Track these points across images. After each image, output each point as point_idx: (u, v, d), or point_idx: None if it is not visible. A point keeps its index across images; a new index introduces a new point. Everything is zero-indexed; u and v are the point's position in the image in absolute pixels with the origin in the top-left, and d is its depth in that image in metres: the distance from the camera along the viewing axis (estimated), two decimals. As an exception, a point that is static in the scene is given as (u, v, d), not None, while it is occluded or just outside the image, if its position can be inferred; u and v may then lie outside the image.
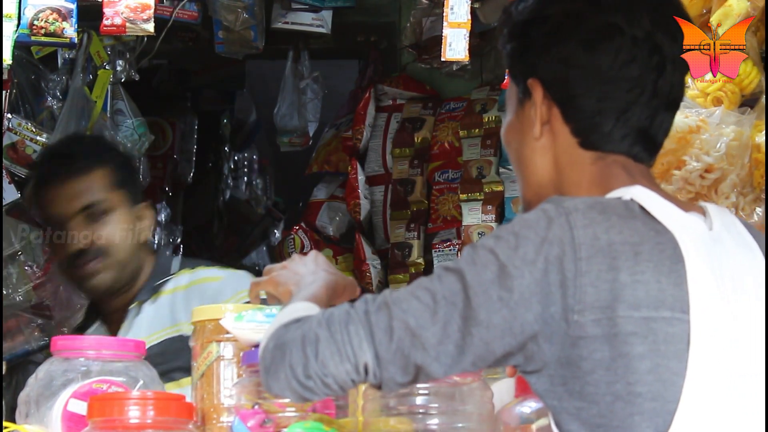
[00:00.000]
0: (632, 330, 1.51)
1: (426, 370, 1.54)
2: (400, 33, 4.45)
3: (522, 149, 1.73)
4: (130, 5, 2.79)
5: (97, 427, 1.88)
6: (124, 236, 2.81)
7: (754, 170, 2.47)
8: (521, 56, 1.72)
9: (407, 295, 1.55)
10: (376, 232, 4.50)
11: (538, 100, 1.68)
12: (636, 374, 1.51)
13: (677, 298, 1.53)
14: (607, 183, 1.65)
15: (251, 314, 1.94)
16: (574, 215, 1.54)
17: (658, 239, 1.56)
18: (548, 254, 1.52)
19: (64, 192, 2.81)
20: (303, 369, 1.55)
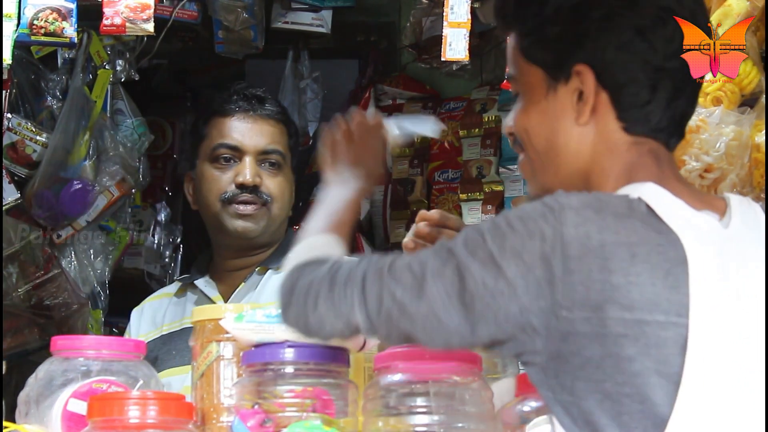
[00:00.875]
0: (623, 332, 1.50)
1: (414, 339, 1.59)
2: (400, 33, 4.45)
3: (555, 136, 1.68)
4: (129, 5, 2.79)
5: (96, 427, 1.88)
6: (286, 195, 2.83)
7: (754, 170, 2.47)
8: (569, 41, 1.66)
9: (403, 265, 1.59)
10: (376, 231, 4.50)
11: (590, 86, 1.64)
12: (624, 375, 1.50)
13: (673, 301, 1.51)
14: (635, 171, 1.63)
15: (251, 314, 1.94)
16: (566, 212, 1.52)
17: (659, 241, 1.53)
18: (534, 249, 1.52)
19: (255, 126, 2.82)
20: (304, 318, 1.67)
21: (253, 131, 2.82)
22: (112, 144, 3.87)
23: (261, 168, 2.80)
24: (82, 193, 3.76)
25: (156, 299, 2.92)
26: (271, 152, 2.81)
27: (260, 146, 2.80)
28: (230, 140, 2.81)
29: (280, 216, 2.82)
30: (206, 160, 2.83)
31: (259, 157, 2.80)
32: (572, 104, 1.66)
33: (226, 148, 2.80)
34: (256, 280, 2.79)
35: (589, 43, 1.65)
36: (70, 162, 3.69)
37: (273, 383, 1.90)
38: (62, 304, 3.66)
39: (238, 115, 2.83)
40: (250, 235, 2.78)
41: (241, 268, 2.82)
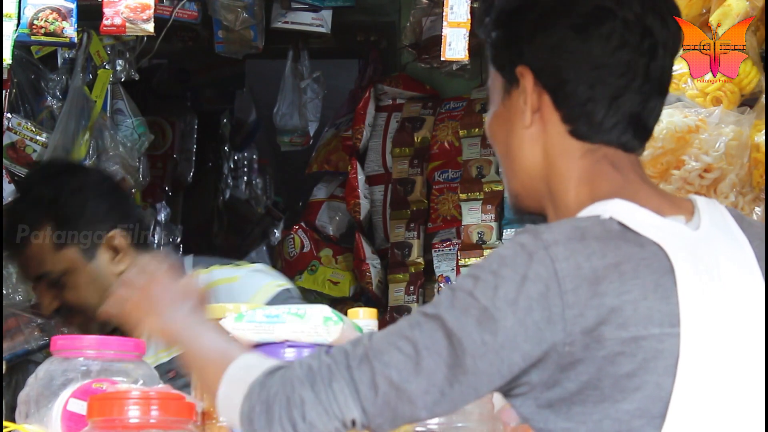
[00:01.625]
0: (620, 350, 1.49)
1: (415, 419, 1.55)
2: (400, 33, 4.45)
3: (510, 140, 1.69)
4: (130, 5, 2.79)
5: (97, 427, 1.88)
6: (84, 284, 2.70)
7: (754, 170, 2.47)
8: (508, 44, 1.68)
9: (387, 345, 1.52)
10: (376, 231, 4.51)
11: (529, 87, 1.65)
12: (623, 392, 1.49)
13: (666, 312, 1.51)
14: (596, 181, 1.63)
15: (251, 314, 1.94)
16: (554, 248, 1.51)
17: (643, 254, 1.53)
18: (530, 292, 1.49)
19: (26, 261, 2.74)
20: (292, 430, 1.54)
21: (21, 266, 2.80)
22: (112, 144, 3.87)
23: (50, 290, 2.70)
24: (82, 193, 3.76)
25: None
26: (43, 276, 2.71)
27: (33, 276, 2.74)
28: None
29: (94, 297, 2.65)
30: None
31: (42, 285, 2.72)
32: (521, 107, 1.67)
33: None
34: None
35: (526, 45, 1.66)
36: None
37: (273, 383, 1.90)
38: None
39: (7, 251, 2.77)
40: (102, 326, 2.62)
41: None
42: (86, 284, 2.70)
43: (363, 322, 2.06)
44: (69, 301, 2.70)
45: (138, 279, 1.89)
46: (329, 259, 4.56)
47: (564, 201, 1.65)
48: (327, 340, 1.89)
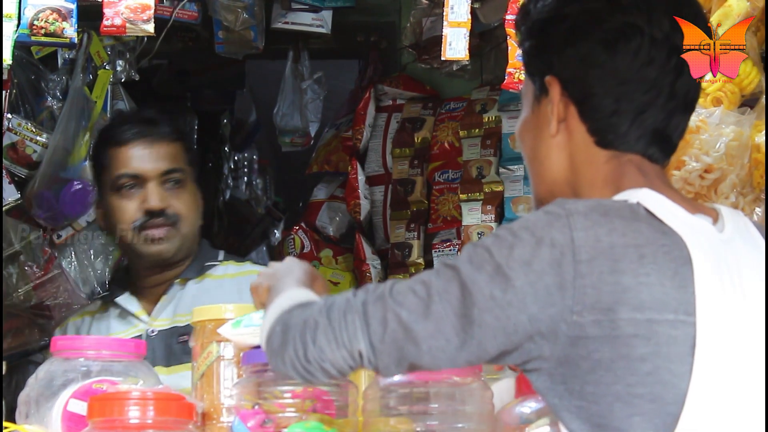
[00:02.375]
0: (634, 332, 1.51)
1: (418, 364, 1.56)
2: (400, 33, 4.44)
3: (537, 146, 1.73)
4: (130, 6, 2.78)
5: (97, 427, 1.88)
6: (193, 210, 2.89)
7: (754, 170, 2.46)
8: (539, 54, 1.72)
9: (405, 287, 1.57)
10: (376, 232, 4.50)
11: (556, 97, 1.68)
12: (636, 376, 1.51)
13: (681, 300, 1.53)
14: (620, 182, 1.65)
15: (247, 319, 1.94)
16: (575, 217, 1.54)
17: (664, 241, 1.55)
18: (544, 256, 1.52)
19: (153, 151, 2.87)
20: (303, 353, 1.60)
21: (152, 156, 2.87)
22: (112, 144, 3.86)
23: (165, 189, 2.85)
24: (82, 193, 3.76)
25: (78, 318, 2.99)
26: (172, 172, 2.87)
27: (161, 169, 2.86)
28: (130, 169, 2.86)
29: (191, 232, 2.89)
30: (110, 190, 2.89)
31: (161, 179, 2.85)
32: (549, 116, 1.70)
33: (127, 177, 2.86)
34: (177, 291, 2.87)
35: (555, 56, 1.69)
36: (70, 162, 3.69)
37: (273, 384, 1.90)
38: (62, 305, 3.66)
39: (133, 142, 2.88)
40: (165, 256, 2.85)
41: (161, 283, 2.90)
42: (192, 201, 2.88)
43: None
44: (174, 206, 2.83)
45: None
46: (329, 260, 4.55)
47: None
48: (327, 340, 1.89)
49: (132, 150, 2.87)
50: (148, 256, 2.86)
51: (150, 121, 2.93)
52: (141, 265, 2.91)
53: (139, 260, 2.90)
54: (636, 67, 1.64)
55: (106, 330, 2.88)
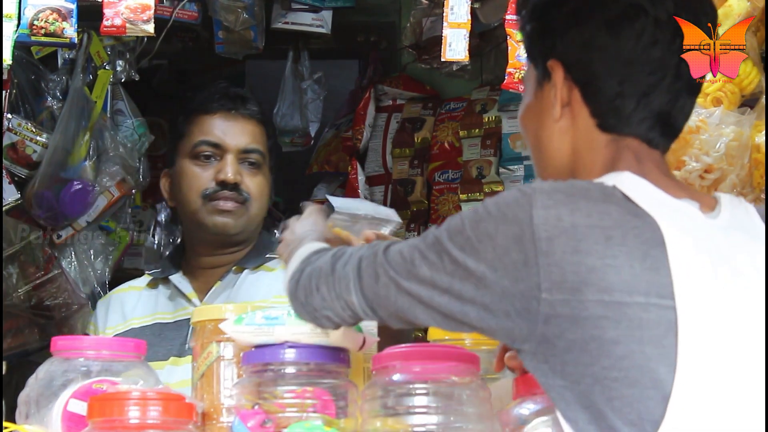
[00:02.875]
0: (602, 314, 1.50)
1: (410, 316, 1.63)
2: (400, 33, 4.45)
3: (540, 132, 1.72)
4: (130, 6, 2.79)
5: (97, 427, 1.88)
6: (265, 195, 2.84)
7: (754, 170, 2.47)
8: (541, 37, 1.71)
9: (396, 249, 1.64)
10: (376, 232, 4.50)
11: (559, 81, 1.67)
12: (610, 359, 1.50)
13: (653, 282, 1.51)
14: (615, 166, 1.64)
15: (250, 317, 1.94)
16: (537, 195, 1.54)
17: (635, 223, 1.53)
18: (506, 232, 1.53)
19: (237, 125, 2.82)
20: (310, 299, 1.72)
21: (235, 130, 2.81)
22: (112, 144, 3.87)
23: (241, 167, 2.79)
24: (82, 193, 3.76)
25: (123, 291, 2.89)
26: (252, 151, 2.81)
27: (241, 145, 2.80)
28: (212, 137, 2.80)
29: (258, 215, 2.82)
30: (187, 157, 2.82)
31: (240, 156, 2.80)
32: (552, 101, 1.69)
33: (207, 145, 2.79)
34: (233, 279, 2.78)
35: (558, 39, 1.68)
36: (70, 162, 3.69)
37: (273, 384, 1.90)
38: (62, 305, 3.66)
39: (220, 113, 2.83)
40: (229, 232, 2.76)
41: (217, 266, 2.81)
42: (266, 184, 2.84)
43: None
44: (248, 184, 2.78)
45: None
46: (329, 260, 4.55)
47: None
48: (326, 341, 1.90)
49: (216, 120, 2.82)
50: (212, 228, 2.76)
51: (240, 97, 2.87)
52: (201, 240, 2.81)
53: (201, 234, 2.80)
54: (640, 48, 1.63)
55: (152, 308, 2.79)
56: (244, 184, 2.77)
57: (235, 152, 2.79)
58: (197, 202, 2.77)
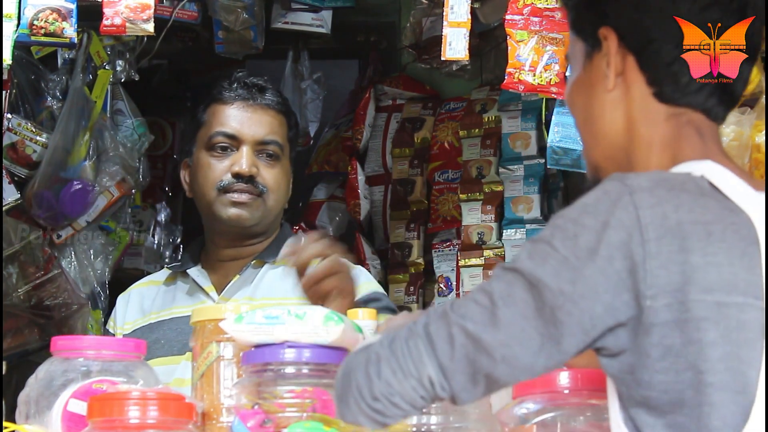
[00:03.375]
0: (704, 315, 1.43)
1: (494, 377, 1.47)
2: (400, 33, 4.45)
3: (591, 106, 1.65)
4: (129, 5, 2.79)
5: (97, 427, 1.88)
6: (283, 187, 2.79)
7: (754, 170, 2.47)
8: (591, 5, 1.64)
9: (466, 300, 1.48)
10: (376, 232, 4.50)
11: (613, 49, 1.61)
12: (707, 362, 1.43)
13: (750, 282, 1.45)
14: (679, 146, 1.58)
15: (250, 316, 1.93)
16: (639, 194, 1.45)
17: (733, 219, 1.47)
18: (611, 240, 1.43)
19: (255, 116, 2.77)
20: (369, 391, 1.50)
21: (252, 121, 2.77)
22: (112, 144, 3.87)
23: (258, 158, 2.75)
24: (82, 193, 3.76)
25: (143, 286, 2.87)
26: (269, 143, 2.77)
27: (258, 136, 2.76)
28: (228, 128, 2.76)
29: (276, 208, 2.78)
30: (203, 147, 2.78)
31: (256, 147, 2.76)
32: (604, 71, 1.62)
33: (223, 136, 2.76)
34: (252, 274, 2.76)
35: (609, 6, 1.62)
36: (70, 162, 3.69)
37: (273, 383, 1.90)
38: (62, 305, 3.66)
39: (237, 103, 2.79)
40: (245, 224, 2.73)
41: (235, 258, 2.78)
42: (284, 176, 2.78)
43: (363, 322, 2.06)
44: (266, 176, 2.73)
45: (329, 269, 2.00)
46: (329, 260, 4.55)
47: (645, 167, 1.59)
48: (327, 340, 1.89)
49: (233, 110, 2.78)
50: (227, 220, 2.73)
51: (258, 86, 2.82)
52: (218, 232, 2.79)
53: (217, 226, 2.77)
54: (697, 9, 1.58)
55: (171, 302, 2.76)
56: (260, 176, 2.74)
57: (251, 144, 2.75)
58: (212, 194, 2.74)
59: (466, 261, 4.06)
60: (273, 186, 2.76)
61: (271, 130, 2.78)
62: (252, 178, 2.72)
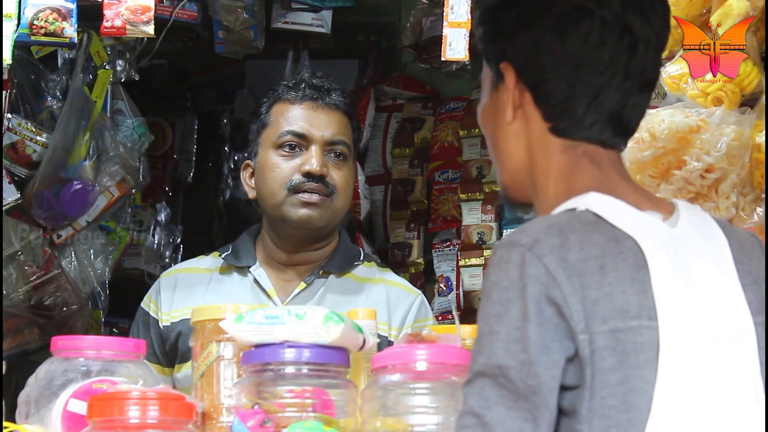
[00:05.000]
0: (603, 344, 1.51)
1: None
2: (400, 33, 4.45)
3: (496, 133, 1.72)
4: (130, 7, 2.78)
5: (97, 427, 1.88)
6: (349, 187, 2.77)
7: (755, 170, 2.46)
8: (493, 40, 1.71)
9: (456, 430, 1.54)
10: (376, 232, 4.50)
11: (511, 84, 1.68)
12: (607, 387, 1.50)
13: (643, 305, 1.52)
14: (573, 177, 1.65)
15: (250, 315, 1.93)
16: (536, 247, 1.53)
17: (619, 248, 1.55)
18: (533, 295, 1.50)
19: (323, 116, 2.75)
20: None
21: (321, 120, 2.75)
22: (112, 144, 3.87)
23: (326, 158, 2.72)
24: (82, 193, 3.76)
25: (190, 272, 2.81)
26: (338, 143, 2.74)
27: (327, 136, 2.73)
28: (298, 128, 2.73)
29: (342, 209, 2.76)
30: (271, 147, 2.74)
31: (325, 147, 2.73)
32: (506, 103, 1.69)
33: (293, 135, 2.72)
34: (319, 284, 2.73)
35: (508, 43, 1.68)
36: (70, 162, 3.69)
37: (273, 383, 1.90)
38: (62, 305, 3.66)
39: (305, 103, 2.76)
40: (314, 225, 2.69)
41: (299, 263, 2.75)
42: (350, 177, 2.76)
43: (363, 322, 2.06)
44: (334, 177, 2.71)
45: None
46: (329, 260, 4.55)
47: (544, 195, 1.68)
48: (327, 340, 1.89)
49: (301, 110, 2.75)
50: (296, 221, 2.68)
51: (325, 87, 2.80)
52: (284, 234, 2.73)
53: (284, 227, 2.72)
54: (588, 50, 1.63)
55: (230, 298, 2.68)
56: (330, 176, 2.71)
57: (320, 143, 2.72)
58: (282, 194, 2.70)
59: (466, 261, 4.06)
60: (342, 187, 2.73)
61: (340, 130, 2.76)
62: (322, 178, 2.69)
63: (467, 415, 1.53)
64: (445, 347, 1.92)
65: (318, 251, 2.76)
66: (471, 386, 1.53)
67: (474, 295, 4.02)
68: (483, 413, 1.50)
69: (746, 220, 2.45)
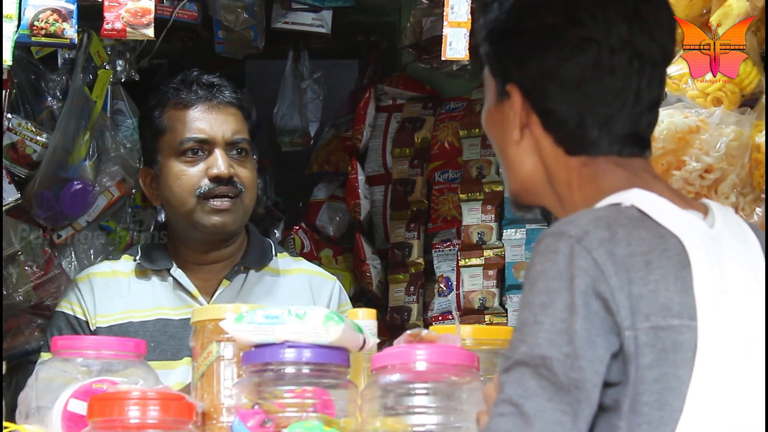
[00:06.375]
0: (644, 341, 1.50)
1: None
2: (400, 33, 4.45)
3: (505, 146, 1.71)
4: (130, 9, 2.78)
5: (97, 427, 1.88)
6: (255, 182, 2.77)
7: (754, 170, 2.46)
8: (500, 60, 1.70)
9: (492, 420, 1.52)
10: (376, 232, 4.51)
11: (518, 105, 1.67)
12: (643, 384, 1.50)
13: (684, 305, 1.52)
14: (600, 179, 1.64)
15: (250, 315, 1.93)
16: (585, 239, 1.52)
17: (664, 246, 1.54)
18: (581, 288, 1.50)
19: (220, 116, 2.73)
20: None
21: (219, 121, 2.72)
22: (112, 144, 3.87)
23: (230, 157, 2.71)
24: (82, 193, 3.76)
25: (107, 276, 2.78)
26: (239, 141, 2.73)
27: (228, 136, 2.71)
28: (198, 133, 2.70)
29: (251, 205, 2.76)
30: (172, 155, 2.71)
31: (227, 147, 2.71)
32: (512, 120, 1.68)
33: (194, 141, 2.70)
34: (240, 280, 2.75)
35: (515, 67, 1.67)
36: (70, 162, 3.69)
37: (273, 383, 1.90)
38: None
39: (200, 104, 2.73)
40: (229, 229, 2.71)
41: (213, 261, 2.76)
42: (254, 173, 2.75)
43: (363, 322, 2.06)
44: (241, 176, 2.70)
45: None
46: (329, 260, 4.56)
47: (571, 201, 1.66)
48: (327, 340, 1.89)
49: (199, 113, 2.72)
50: (210, 228, 2.68)
51: (216, 85, 2.77)
52: (195, 238, 2.74)
53: (196, 233, 2.72)
54: (598, 79, 1.62)
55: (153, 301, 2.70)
56: (237, 175, 2.70)
57: (222, 145, 2.71)
58: (191, 202, 2.69)
59: (466, 261, 4.07)
60: (249, 183, 2.73)
61: (238, 127, 2.75)
62: (231, 179, 2.69)
63: (505, 403, 1.50)
64: (445, 347, 1.92)
65: (230, 248, 2.77)
66: (509, 375, 1.51)
67: (474, 296, 4.02)
68: (522, 403, 1.48)
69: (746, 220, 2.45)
